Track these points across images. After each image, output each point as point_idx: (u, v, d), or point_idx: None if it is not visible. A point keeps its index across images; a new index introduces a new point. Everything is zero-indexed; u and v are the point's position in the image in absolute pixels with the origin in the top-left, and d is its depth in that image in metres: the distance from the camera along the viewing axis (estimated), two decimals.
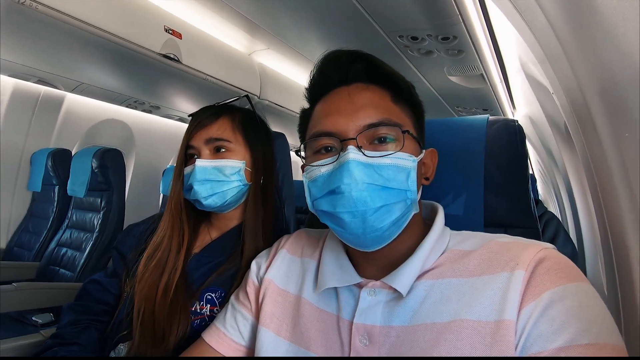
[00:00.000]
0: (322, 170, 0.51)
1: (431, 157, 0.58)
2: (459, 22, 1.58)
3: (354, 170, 0.47)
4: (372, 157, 0.49)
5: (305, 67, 2.59)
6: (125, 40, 1.65)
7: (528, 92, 1.97)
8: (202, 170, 0.76)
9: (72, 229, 2.12)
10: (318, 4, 1.60)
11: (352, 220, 0.48)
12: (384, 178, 0.48)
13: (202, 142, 0.78)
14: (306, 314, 0.55)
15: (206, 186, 0.76)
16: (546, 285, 0.41)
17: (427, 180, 0.57)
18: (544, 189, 4.57)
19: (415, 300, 0.48)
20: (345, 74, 0.56)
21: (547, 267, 0.43)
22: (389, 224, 0.49)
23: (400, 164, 0.49)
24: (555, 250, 0.46)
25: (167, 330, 0.69)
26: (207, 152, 0.78)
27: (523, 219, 0.68)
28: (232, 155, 0.79)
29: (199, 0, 1.80)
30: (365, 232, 0.48)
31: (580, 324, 0.38)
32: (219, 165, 0.77)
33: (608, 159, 0.76)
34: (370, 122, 0.50)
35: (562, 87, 0.97)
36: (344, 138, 0.50)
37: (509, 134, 0.68)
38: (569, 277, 0.42)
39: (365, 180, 0.47)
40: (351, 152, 0.48)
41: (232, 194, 0.79)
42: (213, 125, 0.79)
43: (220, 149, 0.79)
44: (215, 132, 0.79)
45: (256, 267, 0.66)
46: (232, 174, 0.78)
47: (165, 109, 2.64)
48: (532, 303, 0.41)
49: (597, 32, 0.61)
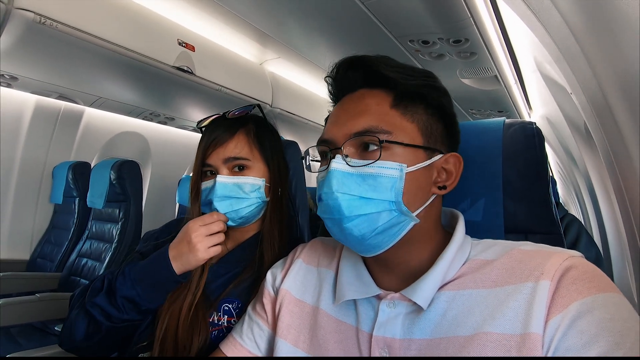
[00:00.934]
0: (319, 177, 0.53)
1: (453, 162, 0.53)
2: (470, 24, 1.56)
3: (333, 180, 0.49)
4: (355, 166, 0.49)
5: (315, 74, 2.60)
6: (140, 54, 1.70)
7: (544, 92, 1.93)
8: (222, 187, 0.75)
9: (92, 240, 2.18)
10: (327, 11, 1.61)
11: (332, 226, 0.51)
12: (364, 188, 0.48)
13: (220, 161, 0.77)
14: (324, 325, 0.55)
15: (226, 202, 0.75)
16: (573, 296, 0.39)
17: (442, 189, 0.52)
18: (564, 191, 4.45)
19: (436, 312, 0.47)
20: (351, 80, 0.56)
21: (574, 276, 0.41)
22: (371, 232, 0.48)
23: (384, 173, 0.48)
24: (583, 259, 0.44)
25: (187, 343, 0.69)
26: (225, 171, 0.77)
27: (545, 224, 0.65)
28: (251, 172, 0.79)
29: (211, 13, 1.84)
30: (347, 239, 0.50)
31: (612, 337, 0.36)
32: (240, 182, 0.77)
33: (633, 158, 0.73)
34: (356, 131, 0.50)
35: (581, 86, 0.94)
36: (334, 147, 0.51)
37: (527, 137, 0.66)
38: (597, 287, 0.40)
39: (340, 190, 0.48)
40: (334, 162, 0.49)
41: (251, 210, 0.78)
42: (230, 143, 0.78)
43: (240, 167, 0.78)
44: (233, 150, 0.78)
45: (271, 277, 0.65)
46: (252, 191, 0.78)
47: (179, 120, 2.69)
48: (559, 315, 0.39)
49: (616, 28, 0.59)
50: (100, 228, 2.16)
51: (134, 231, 2.06)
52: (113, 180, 2.07)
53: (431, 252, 0.51)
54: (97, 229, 2.18)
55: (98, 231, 2.17)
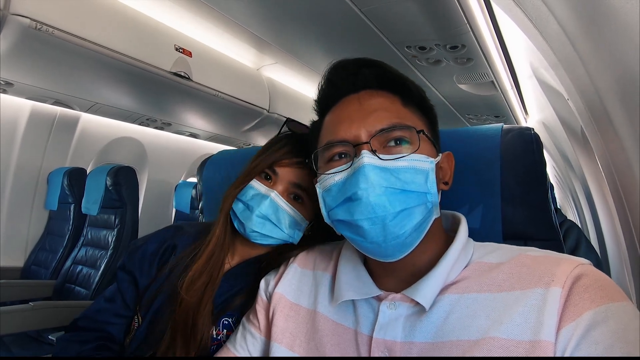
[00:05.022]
0: (337, 179, 0.50)
1: (448, 160, 0.56)
2: (467, 30, 1.57)
3: (370, 174, 0.46)
4: (387, 159, 0.47)
5: (312, 79, 2.61)
6: (137, 60, 1.70)
7: (541, 97, 1.94)
8: (270, 206, 0.68)
9: (87, 247, 2.15)
10: (324, 17, 1.61)
11: (372, 228, 0.46)
12: (402, 181, 0.46)
13: (287, 178, 0.69)
14: (322, 328, 0.53)
15: (262, 222, 0.69)
16: (586, 305, 0.39)
17: (445, 184, 0.55)
18: (561, 195, 4.46)
19: (438, 315, 0.45)
20: (354, 81, 0.55)
21: (586, 284, 0.40)
22: (410, 229, 0.46)
23: (418, 166, 0.48)
24: (592, 267, 0.43)
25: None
26: (281, 188, 0.69)
27: (544, 231, 0.65)
28: (303, 210, 0.71)
29: (208, 19, 1.85)
30: (387, 239, 0.46)
31: (627, 347, 0.35)
32: (289, 211, 0.69)
33: (632, 162, 0.73)
34: (382, 127, 0.49)
35: (578, 91, 0.94)
36: (357, 143, 0.49)
37: (525, 143, 0.66)
38: (610, 297, 0.39)
39: (382, 183, 0.46)
40: (365, 157, 0.47)
41: (277, 242, 0.72)
42: (305, 170, 0.70)
43: (297, 197, 0.70)
44: (304, 177, 0.69)
45: (264, 284, 0.64)
46: (291, 227, 0.70)
47: (176, 126, 2.69)
48: (572, 323, 0.38)
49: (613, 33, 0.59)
50: (96, 235, 2.14)
51: (130, 238, 2.04)
52: (109, 186, 2.06)
53: (434, 253, 0.51)
54: (92, 236, 2.16)
55: (93, 238, 2.15)
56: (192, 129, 2.80)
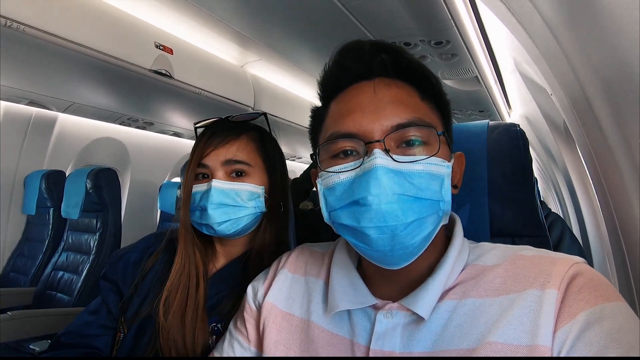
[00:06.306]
0: (342, 178, 0.45)
1: (459, 162, 0.52)
2: (451, 26, 1.58)
3: (383, 178, 0.41)
4: (402, 162, 0.42)
5: (297, 76, 2.58)
6: (115, 58, 1.64)
7: (523, 91, 1.96)
8: (218, 193, 0.69)
9: (69, 252, 2.08)
10: (308, 13, 1.59)
11: (380, 237, 0.42)
12: (416, 187, 0.42)
13: (219, 162, 0.70)
14: (316, 339, 0.51)
15: (221, 210, 0.69)
16: (581, 305, 0.38)
17: (455, 188, 0.50)
18: (544, 187, 4.56)
19: (437, 323, 0.43)
20: (369, 66, 0.48)
21: (580, 284, 0.39)
22: (420, 240, 0.43)
23: (434, 171, 0.43)
24: (587, 265, 0.42)
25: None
26: (221, 173, 0.70)
27: (531, 228, 0.65)
28: (250, 179, 0.72)
29: (189, 15, 1.80)
30: (394, 249, 0.42)
31: (621, 348, 0.35)
32: (238, 188, 0.70)
33: (615, 155, 0.74)
34: (399, 122, 0.44)
35: (561, 85, 0.95)
36: (369, 140, 0.44)
37: (511, 139, 0.66)
38: (604, 296, 0.38)
39: (396, 190, 0.41)
40: (378, 157, 0.42)
41: (247, 221, 0.72)
42: (232, 145, 0.72)
43: (239, 172, 0.72)
44: (235, 153, 0.71)
45: (252, 291, 0.61)
46: (250, 199, 0.71)
47: (159, 125, 2.62)
48: (567, 325, 0.38)
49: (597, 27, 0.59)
50: (77, 239, 2.07)
51: (112, 242, 1.99)
52: (89, 189, 1.99)
53: (434, 258, 0.48)
54: (73, 240, 2.09)
55: (75, 242, 2.08)
56: (175, 128, 2.74)
